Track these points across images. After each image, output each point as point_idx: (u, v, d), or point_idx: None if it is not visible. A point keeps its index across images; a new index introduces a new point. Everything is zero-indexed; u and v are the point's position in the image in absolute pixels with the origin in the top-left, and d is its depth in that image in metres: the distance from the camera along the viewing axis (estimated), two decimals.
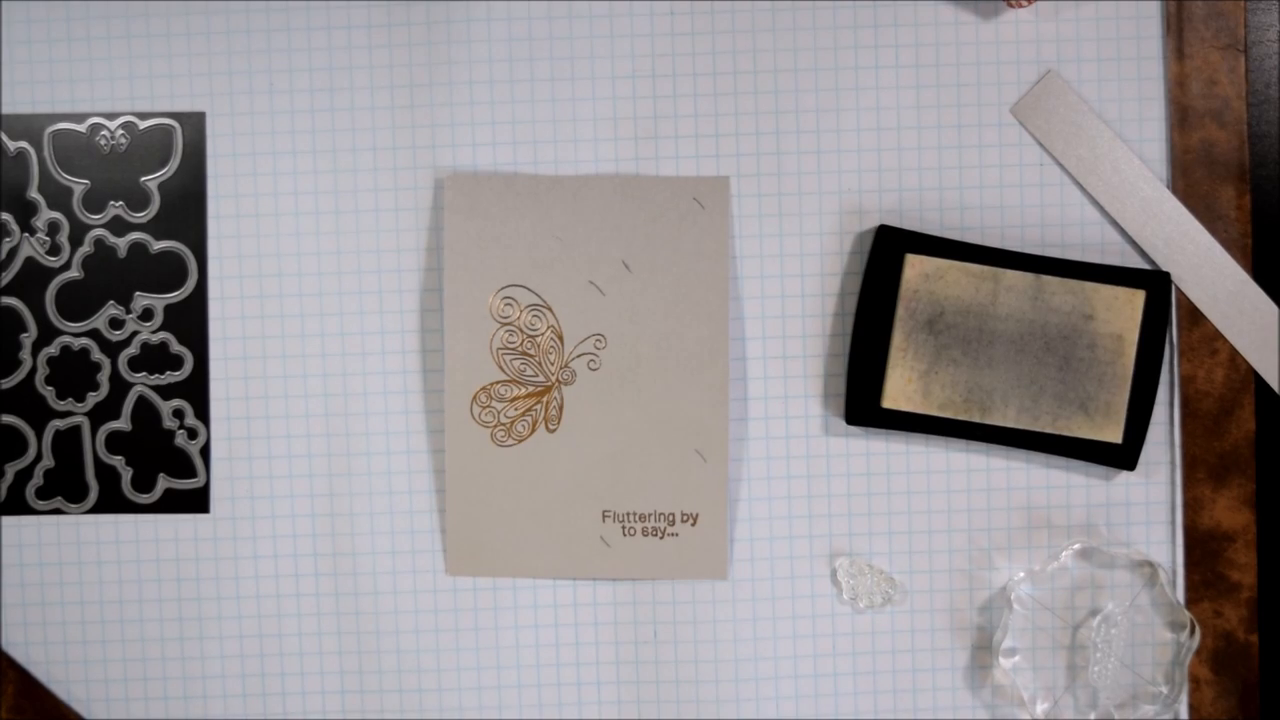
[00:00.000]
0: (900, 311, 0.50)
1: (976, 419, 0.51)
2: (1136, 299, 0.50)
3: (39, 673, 0.53)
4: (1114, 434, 0.51)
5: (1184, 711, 0.52)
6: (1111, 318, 0.50)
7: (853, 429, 0.52)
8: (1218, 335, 0.52)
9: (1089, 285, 0.50)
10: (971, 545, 0.53)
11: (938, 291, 0.50)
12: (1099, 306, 0.50)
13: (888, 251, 0.51)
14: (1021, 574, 0.52)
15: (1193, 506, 0.52)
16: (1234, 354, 0.52)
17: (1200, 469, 0.52)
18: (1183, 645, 0.51)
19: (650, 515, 0.52)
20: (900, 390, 0.51)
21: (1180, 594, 0.52)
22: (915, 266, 0.50)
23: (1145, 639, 0.52)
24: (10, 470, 0.53)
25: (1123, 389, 0.50)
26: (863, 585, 0.51)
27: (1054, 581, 0.52)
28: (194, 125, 0.52)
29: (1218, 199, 0.52)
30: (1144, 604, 0.52)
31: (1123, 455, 0.51)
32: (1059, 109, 0.51)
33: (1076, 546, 0.52)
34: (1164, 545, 0.52)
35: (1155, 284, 0.51)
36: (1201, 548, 0.52)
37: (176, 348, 0.53)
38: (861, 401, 0.51)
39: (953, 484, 0.52)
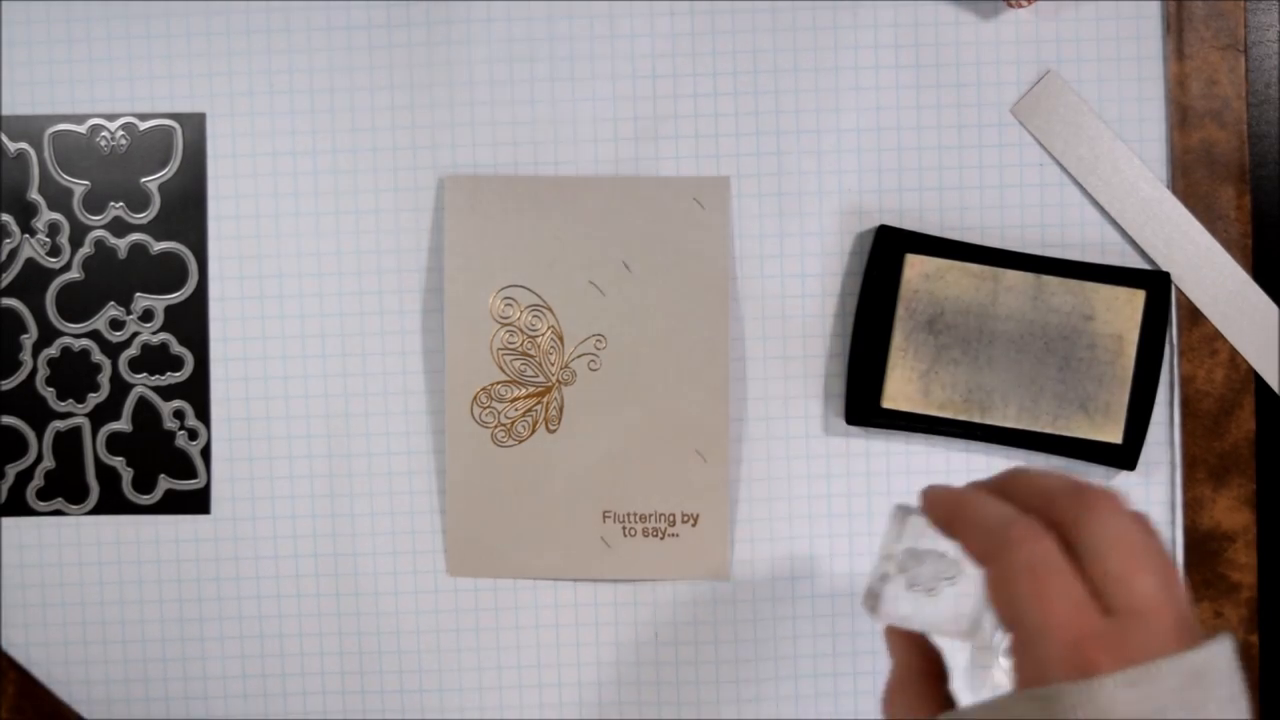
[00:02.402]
0: (900, 311, 0.50)
1: (976, 419, 0.51)
2: (1136, 299, 0.50)
3: (39, 673, 0.53)
4: (1114, 434, 0.51)
5: None
6: (1111, 318, 0.50)
7: (853, 429, 0.52)
8: (1218, 335, 0.52)
9: (1089, 285, 0.50)
10: None
11: (938, 291, 0.50)
12: (1099, 306, 0.50)
13: (888, 251, 0.51)
14: None
15: (1193, 506, 0.52)
16: (1234, 354, 0.52)
17: (1200, 469, 0.52)
18: None
19: (651, 516, 0.52)
20: (900, 390, 0.51)
21: None
22: (915, 266, 0.50)
23: None
24: (11, 471, 0.53)
25: (1122, 389, 0.50)
26: (923, 573, 0.48)
27: None
28: (194, 126, 0.52)
29: (1218, 199, 0.52)
30: None
31: (1123, 455, 0.51)
32: (1059, 109, 0.51)
33: None
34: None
35: (1155, 284, 0.51)
36: (1201, 548, 0.52)
37: (177, 349, 0.53)
38: (861, 401, 0.51)
39: (952, 484, 0.52)
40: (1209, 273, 0.51)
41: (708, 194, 0.51)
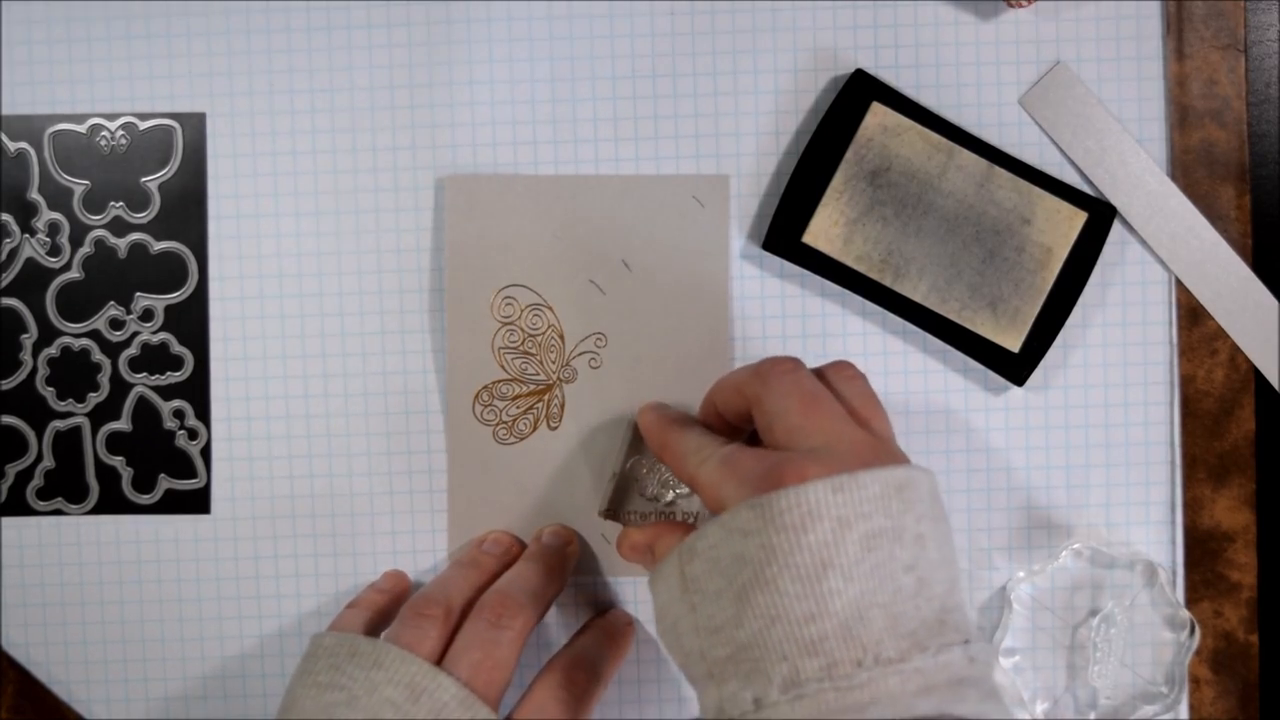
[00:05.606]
0: (849, 155, 0.50)
1: (888, 283, 0.50)
2: (1077, 219, 0.50)
3: (39, 673, 0.53)
4: (1013, 342, 0.50)
5: (1184, 711, 0.52)
6: (1048, 229, 0.50)
7: None
8: (1218, 335, 0.52)
9: (1036, 190, 0.50)
10: (971, 545, 0.53)
11: (891, 146, 0.50)
12: (1039, 214, 0.50)
13: (856, 96, 0.50)
14: (1021, 574, 0.52)
15: (1193, 506, 0.52)
16: (1234, 354, 0.52)
17: (1200, 469, 0.52)
18: (1183, 645, 0.51)
19: (651, 515, 0.52)
20: (824, 230, 0.50)
21: (1180, 594, 0.52)
22: (878, 115, 0.50)
23: (1145, 639, 0.52)
24: (11, 471, 0.53)
25: (1035, 301, 0.50)
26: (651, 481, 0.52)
27: (1054, 581, 0.52)
28: (194, 126, 0.52)
29: (1218, 199, 0.52)
30: (1144, 604, 0.52)
31: (1014, 367, 0.51)
32: (1067, 100, 0.51)
33: (1076, 546, 0.52)
34: (1164, 545, 0.52)
35: (1099, 211, 0.50)
36: (1201, 548, 0.52)
37: (177, 348, 0.53)
38: (784, 231, 0.51)
39: (952, 484, 0.52)
40: (1212, 268, 0.51)
41: (707, 193, 0.51)
